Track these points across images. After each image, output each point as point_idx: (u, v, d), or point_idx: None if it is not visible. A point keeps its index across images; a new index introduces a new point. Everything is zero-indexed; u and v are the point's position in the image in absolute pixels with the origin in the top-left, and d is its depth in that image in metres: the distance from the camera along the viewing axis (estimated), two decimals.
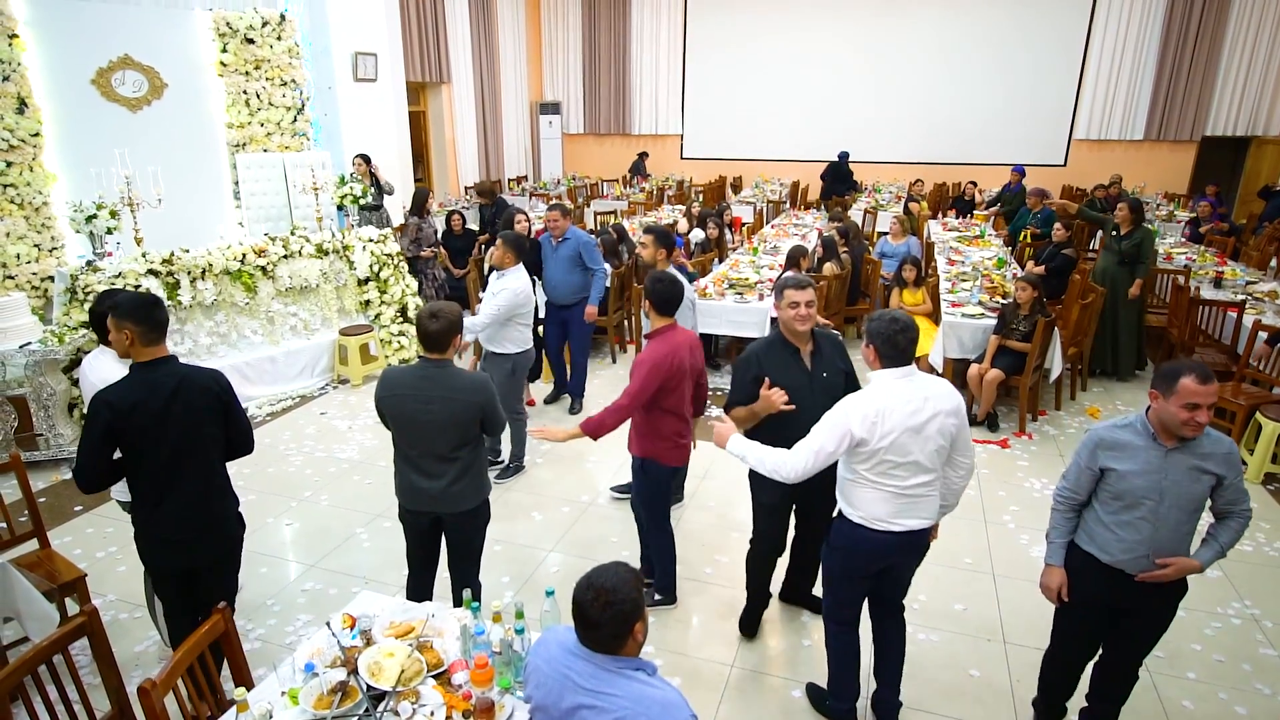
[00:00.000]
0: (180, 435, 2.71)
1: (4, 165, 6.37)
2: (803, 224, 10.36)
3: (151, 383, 2.66)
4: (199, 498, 2.82)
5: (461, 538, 3.15)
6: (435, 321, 2.92)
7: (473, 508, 3.08)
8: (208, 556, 2.90)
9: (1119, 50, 12.92)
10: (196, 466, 2.79)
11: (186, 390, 2.70)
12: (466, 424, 2.96)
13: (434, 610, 2.55)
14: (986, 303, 6.36)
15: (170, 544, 2.82)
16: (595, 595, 1.81)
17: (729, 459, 5.28)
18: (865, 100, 14.58)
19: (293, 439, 5.76)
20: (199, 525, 2.84)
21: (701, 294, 6.73)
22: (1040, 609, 3.76)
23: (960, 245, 8.80)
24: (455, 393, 2.92)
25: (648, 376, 3.36)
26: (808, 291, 3.12)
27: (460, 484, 3.01)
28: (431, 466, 2.99)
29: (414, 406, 2.93)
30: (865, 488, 2.72)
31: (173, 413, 2.67)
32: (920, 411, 2.62)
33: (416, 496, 3.05)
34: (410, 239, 7.84)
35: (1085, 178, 13.17)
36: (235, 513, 3.01)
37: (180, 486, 2.77)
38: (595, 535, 4.46)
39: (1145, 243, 6.40)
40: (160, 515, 2.77)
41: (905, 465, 2.65)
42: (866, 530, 2.75)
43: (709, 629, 3.69)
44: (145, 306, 2.69)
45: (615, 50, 15.88)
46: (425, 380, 2.93)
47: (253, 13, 8.04)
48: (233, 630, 2.45)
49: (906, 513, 2.71)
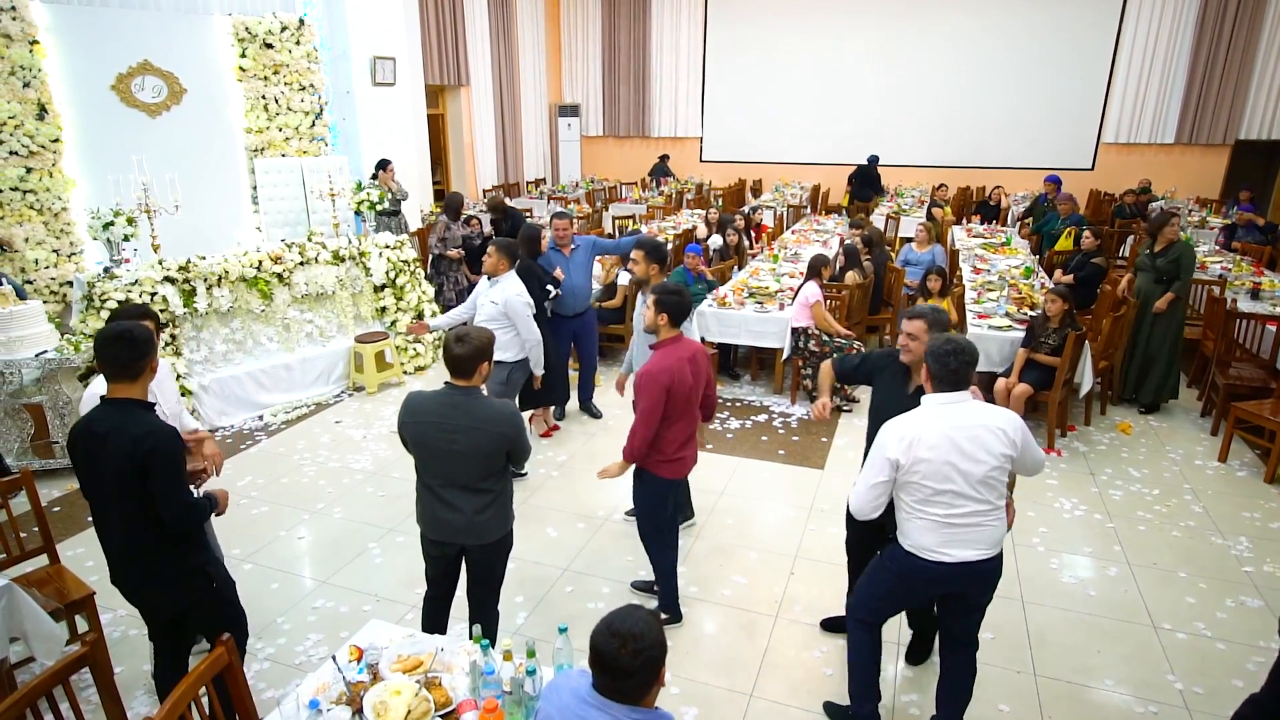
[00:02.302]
0: (100, 485, 2.55)
1: (24, 171, 6.37)
2: (824, 229, 10.21)
3: (94, 423, 2.52)
4: (126, 551, 2.62)
5: (484, 568, 3.05)
6: (462, 345, 2.77)
7: (498, 539, 2.98)
8: (166, 606, 2.73)
9: (1150, 51, 12.64)
10: (121, 519, 2.57)
11: (114, 441, 2.46)
12: (493, 455, 2.83)
13: (443, 644, 2.46)
14: (1014, 314, 6.20)
15: (121, 588, 2.69)
16: (621, 643, 1.72)
17: (748, 475, 5.23)
18: (887, 102, 14.39)
19: (307, 448, 5.71)
20: (135, 577, 2.66)
21: (720, 303, 6.63)
22: (1073, 639, 3.63)
23: (986, 253, 8.62)
24: (483, 423, 2.78)
25: (656, 394, 3.31)
26: (911, 323, 3.06)
27: (486, 514, 2.89)
28: (455, 498, 2.87)
29: (438, 436, 2.80)
30: (912, 516, 2.67)
31: (97, 460, 2.51)
32: (962, 440, 2.55)
33: (440, 527, 2.94)
34: (439, 237, 7.83)
35: (1113, 182, 12.91)
36: (185, 567, 2.68)
37: (109, 534, 2.62)
38: (610, 553, 4.36)
39: (1184, 258, 5.91)
40: (108, 557, 2.67)
41: (945, 494, 2.58)
42: (917, 559, 2.69)
43: (727, 655, 3.58)
44: (105, 340, 2.52)
45: (635, 52, 15.79)
46: (451, 409, 2.80)
47: (271, 17, 8.03)
48: (237, 664, 2.37)
49: (956, 542, 2.62)
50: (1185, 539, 4.50)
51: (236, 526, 4.53)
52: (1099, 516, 4.75)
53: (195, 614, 2.77)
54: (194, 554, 2.71)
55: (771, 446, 5.69)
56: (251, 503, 4.94)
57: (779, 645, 3.63)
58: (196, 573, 2.71)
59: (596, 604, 3.93)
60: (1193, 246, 6.12)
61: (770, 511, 4.84)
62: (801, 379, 6.37)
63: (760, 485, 5.16)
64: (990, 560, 2.67)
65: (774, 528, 4.65)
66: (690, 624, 3.78)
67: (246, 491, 5.05)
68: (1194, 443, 5.71)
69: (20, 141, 6.33)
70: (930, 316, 3.04)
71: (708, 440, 5.71)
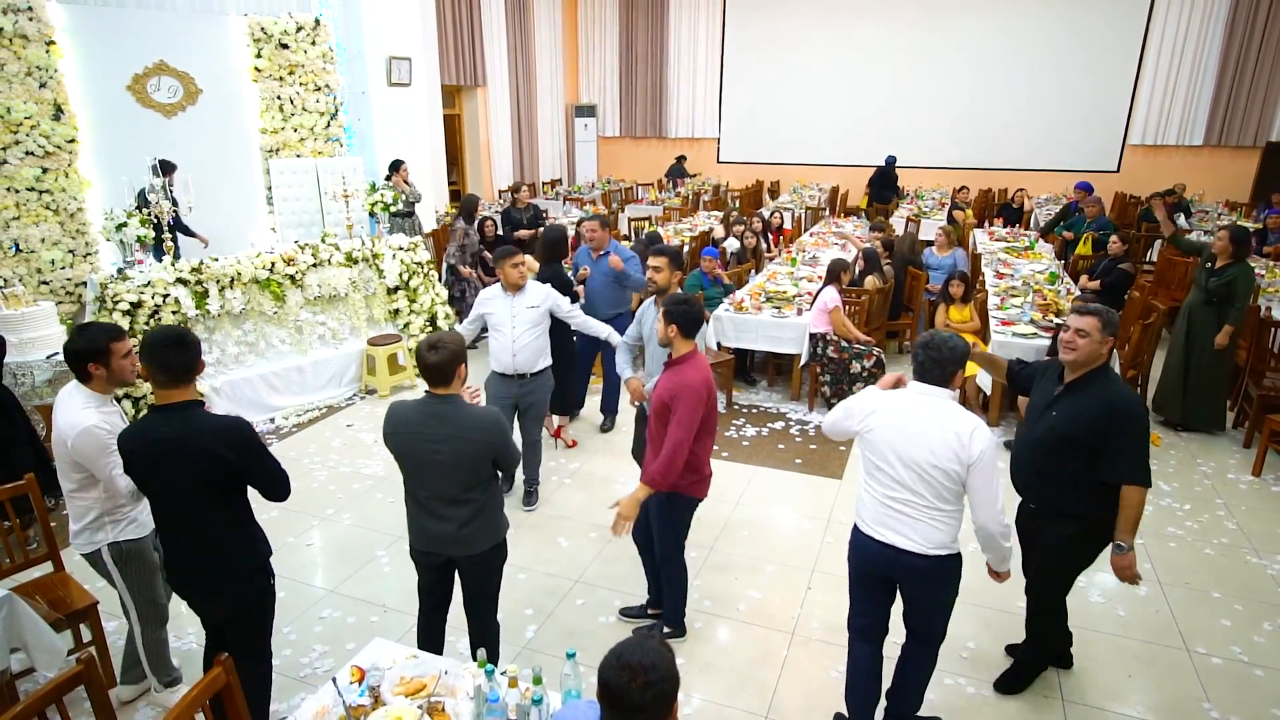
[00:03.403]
0: (172, 490, 2.55)
1: (40, 171, 6.36)
2: (843, 232, 10.06)
3: (154, 430, 2.51)
4: (193, 557, 2.65)
5: (476, 580, 2.97)
6: (435, 353, 2.69)
7: (487, 549, 2.89)
8: (217, 612, 2.74)
9: (1178, 50, 12.38)
10: (184, 520, 2.59)
11: (194, 445, 2.46)
12: (477, 464, 2.76)
13: (447, 667, 2.38)
14: (1039, 321, 6.05)
15: (187, 591, 2.73)
16: (631, 676, 1.61)
17: (764, 484, 5.12)
18: (907, 102, 14.19)
19: (318, 452, 5.66)
20: (201, 577, 2.68)
21: (738, 307, 6.51)
22: (1102, 663, 3.50)
23: (1009, 257, 8.45)
24: (464, 431, 2.71)
25: (694, 406, 3.14)
26: (1083, 319, 2.91)
27: (472, 526, 2.82)
28: (442, 509, 2.80)
29: (420, 446, 2.74)
30: (863, 485, 2.81)
31: (165, 467, 2.50)
32: (912, 428, 2.61)
33: (427, 538, 2.88)
34: (458, 244, 7.75)
35: (1140, 185, 12.65)
36: (242, 569, 2.70)
37: (179, 538, 2.63)
38: (623, 566, 4.26)
39: (1240, 281, 5.42)
40: (173, 561, 2.69)
41: (883, 472, 2.68)
42: (858, 529, 2.83)
43: (742, 674, 3.47)
44: (160, 347, 2.49)
45: (652, 52, 15.69)
46: (431, 418, 2.73)
47: (287, 18, 7.99)
48: (235, 684, 2.30)
49: (887, 524, 2.70)
50: (1218, 557, 4.35)
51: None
52: None
53: (237, 624, 2.75)
54: (261, 547, 2.76)
55: (788, 455, 5.57)
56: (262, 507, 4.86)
57: (796, 664, 3.52)
58: (260, 571, 2.74)
59: (608, 618, 3.83)
60: (1251, 272, 5.57)
61: (786, 523, 4.73)
62: (819, 385, 6.24)
63: (776, 495, 5.05)
64: (922, 557, 2.66)
65: (790, 540, 4.53)
66: (703, 641, 3.68)
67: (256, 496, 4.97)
68: (1226, 455, 5.53)
69: (36, 142, 6.31)
70: (1105, 315, 2.89)
71: (723, 448, 5.61)
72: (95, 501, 2.95)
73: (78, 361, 2.83)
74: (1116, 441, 2.80)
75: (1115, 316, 2.92)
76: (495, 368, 4.61)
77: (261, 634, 2.84)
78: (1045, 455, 2.97)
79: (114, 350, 2.83)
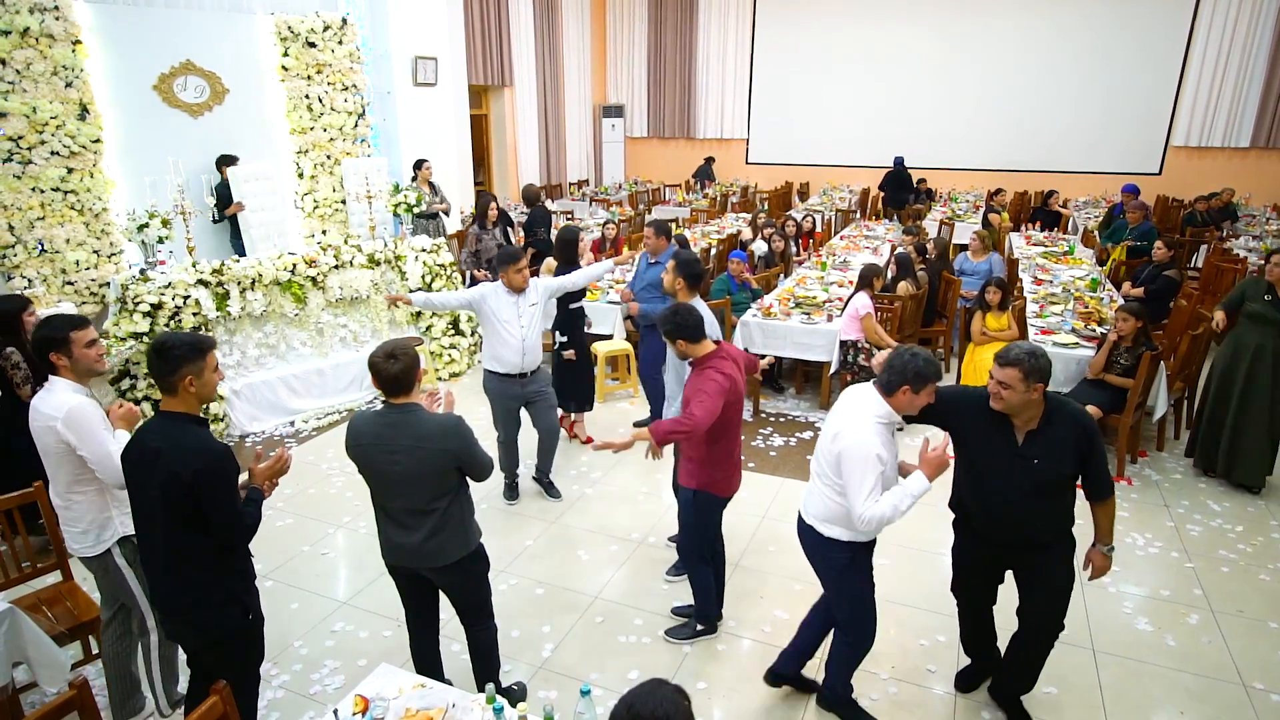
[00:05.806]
0: (145, 499, 2.43)
1: (65, 171, 6.35)
2: (874, 235, 9.83)
3: (147, 436, 2.42)
4: (159, 572, 2.50)
5: (457, 591, 2.91)
6: (394, 363, 2.65)
7: (457, 560, 2.79)
8: (186, 636, 2.58)
9: (1225, 49, 11.97)
10: (152, 534, 2.46)
11: (166, 456, 2.33)
12: (439, 474, 2.68)
13: (455, 699, 2.25)
14: (1080, 330, 5.81)
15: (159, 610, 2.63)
16: None
17: (792, 497, 4.93)
18: (941, 103, 13.89)
19: (336, 457, 5.57)
20: (169, 597, 2.51)
21: (766, 313, 6.34)
22: (1152, 697, 3.28)
23: (1047, 262, 8.18)
24: (421, 441, 2.63)
25: (715, 400, 3.11)
26: (1003, 370, 2.62)
27: (439, 538, 2.73)
28: (407, 520, 2.73)
29: (380, 458, 2.66)
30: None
31: (143, 474, 2.40)
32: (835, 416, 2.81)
33: (395, 551, 2.80)
34: (470, 250, 7.62)
35: (1183, 188, 12.26)
36: (223, 595, 2.51)
37: (152, 551, 2.49)
38: (645, 581, 4.12)
39: None
40: (148, 574, 2.58)
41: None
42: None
43: (767, 701, 3.31)
44: (148, 350, 2.46)
45: (681, 53, 15.54)
46: (389, 428, 2.66)
47: (314, 16, 7.94)
48: (233, 714, 2.18)
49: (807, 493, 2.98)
50: (1275, 583, 4.10)
51: (261, 540, 4.26)
52: (1175, 554, 4.36)
53: (210, 652, 2.57)
54: (233, 580, 2.55)
55: None
56: (277, 514, 4.81)
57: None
58: (232, 602, 2.53)
59: (629, 638, 3.69)
60: None
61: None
62: None
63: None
64: (803, 523, 2.95)
65: None
66: (727, 664, 3.52)
67: (273, 503, 4.91)
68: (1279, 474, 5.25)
69: (61, 142, 6.31)
70: (1028, 364, 2.58)
71: (749, 458, 5.44)
72: (95, 493, 2.84)
73: (41, 352, 2.77)
74: (1093, 459, 2.75)
75: (1043, 362, 2.62)
76: (498, 369, 4.56)
77: (241, 667, 2.63)
78: (1047, 499, 2.77)
79: (74, 339, 2.77)
